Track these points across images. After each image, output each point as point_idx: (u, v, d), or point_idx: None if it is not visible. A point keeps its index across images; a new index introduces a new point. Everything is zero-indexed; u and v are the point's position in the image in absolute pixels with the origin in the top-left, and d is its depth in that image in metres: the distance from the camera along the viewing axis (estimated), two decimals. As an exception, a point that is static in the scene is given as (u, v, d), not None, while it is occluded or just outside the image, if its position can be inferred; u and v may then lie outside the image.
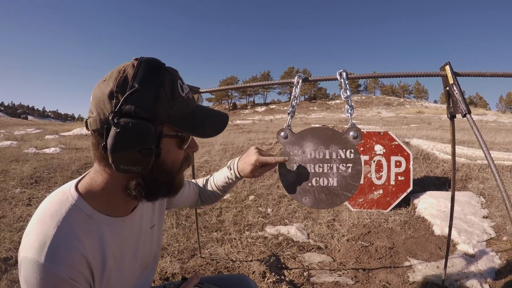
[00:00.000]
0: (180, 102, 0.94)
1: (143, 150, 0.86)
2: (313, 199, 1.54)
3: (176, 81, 0.94)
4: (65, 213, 0.90)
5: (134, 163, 0.87)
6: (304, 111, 60.55)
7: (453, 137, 2.01)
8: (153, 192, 0.99)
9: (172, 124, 0.93)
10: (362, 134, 1.49)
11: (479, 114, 32.42)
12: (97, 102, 0.88)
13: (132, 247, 1.12)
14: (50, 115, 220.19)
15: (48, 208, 0.92)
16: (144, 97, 0.86)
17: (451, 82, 1.59)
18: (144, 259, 1.22)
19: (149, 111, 0.86)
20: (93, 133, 0.91)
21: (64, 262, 0.85)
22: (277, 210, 4.74)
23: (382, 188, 4.69)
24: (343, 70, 1.64)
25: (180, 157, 1.02)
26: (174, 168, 1.01)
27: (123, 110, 0.83)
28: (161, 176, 0.97)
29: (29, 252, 0.84)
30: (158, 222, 1.32)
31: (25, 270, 0.84)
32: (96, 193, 0.97)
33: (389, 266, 3.22)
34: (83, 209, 0.94)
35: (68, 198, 0.94)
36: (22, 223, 3.99)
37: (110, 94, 0.86)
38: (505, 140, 9.46)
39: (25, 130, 19.86)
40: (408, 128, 16.09)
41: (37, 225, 0.88)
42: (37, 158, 8.21)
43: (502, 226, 3.94)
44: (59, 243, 0.85)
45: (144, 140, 0.85)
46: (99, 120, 0.87)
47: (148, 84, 0.87)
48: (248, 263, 3.20)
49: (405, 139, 7.86)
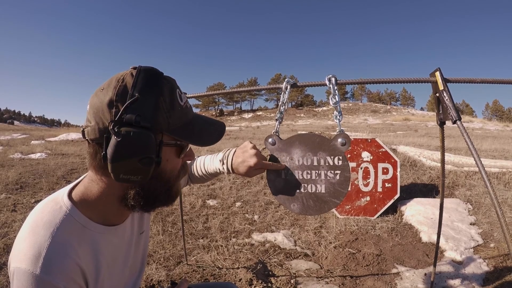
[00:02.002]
0: (179, 111, 0.95)
1: (144, 159, 0.85)
2: (301, 206, 1.51)
3: (175, 90, 0.95)
4: (59, 223, 0.88)
5: (134, 172, 0.86)
6: (291, 118, 60.98)
7: (442, 144, 2.00)
8: (151, 202, 0.98)
9: (172, 133, 0.93)
10: (350, 140, 1.47)
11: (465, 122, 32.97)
12: (95, 111, 0.87)
13: (123, 254, 1.12)
14: (36, 120, 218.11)
15: (41, 217, 0.90)
16: (144, 106, 0.85)
17: (441, 88, 1.58)
18: (134, 264, 1.22)
19: (150, 120, 0.86)
20: (91, 142, 0.90)
21: (59, 272, 0.83)
22: (264, 217, 4.70)
23: (369, 195, 4.69)
24: (332, 76, 1.61)
25: (178, 165, 1.03)
26: (172, 176, 1.01)
27: (124, 119, 0.82)
28: (160, 185, 0.97)
29: (23, 263, 0.82)
30: (146, 227, 1.31)
31: (18, 281, 0.82)
32: (91, 202, 0.96)
33: (377, 273, 3.20)
34: (77, 218, 0.92)
35: (61, 207, 0.92)
36: (7, 229, 3.88)
37: (110, 103, 0.85)
38: (491, 147, 9.62)
39: (10, 135, 19.57)
40: (395, 135, 16.26)
41: (30, 235, 0.86)
42: (22, 163, 8.08)
43: (490, 233, 3.96)
44: (54, 253, 0.84)
45: (145, 149, 0.85)
46: (98, 129, 0.86)
47: (148, 94, 0.87)
48: (234, 271, 3.15)
49: (392, 146, 7.92)
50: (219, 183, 6.36)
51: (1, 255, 3.27)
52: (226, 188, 6.03)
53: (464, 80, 1.63)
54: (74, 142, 14.36)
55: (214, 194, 5.75)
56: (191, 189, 5.90)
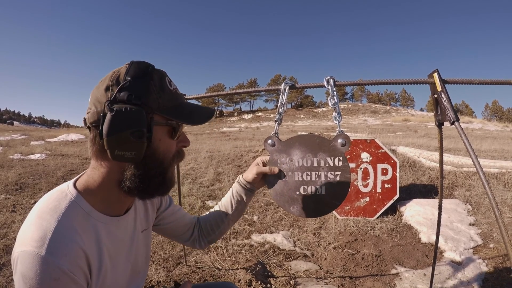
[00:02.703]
0: (169, 94, 1.01)
1: (135, 132, 0.90)
2: (301, 208, 1.50)
3: (164, 77, 1.02)
4: (65, 209, 0.92)
5: (128, 147, 0.91)
6: (290, 119, 60.82)
7: (440, 145, 2.01)
8: (147, 184, 1.00)
9: (162, 112, 0.99)
10: (350, 141, 1.47)
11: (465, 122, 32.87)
12: (95, 98, 0.96)
13: (126, 249, 1.14)
14: (36, 121, 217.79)
15: (47, 204, 0.93)
16: (136, 87, 0.94)
17: (439, 90, 1.58)
18: (137, 263, 1.22)
19: (141, 99, 0.93)
20: (91, 126, 0.96)
21: (65, 255, 0.85)
22: (263, 218, 4.70)
23: (368, 195, 4.69)
24: (330, 77, 1.61)
25: (172, 148, 1.06)
26: (166, 158, 1.04)
27: (117, 98, 0.91)
28: (154, 166, 1.01)
29: (28, 245, 0.84)
30: (149, 226, 1.33)
31: (22, 265, 0.83)
32: (93, 189, 1.00)
33: (376, 274, 3.20)
34: (81, 206, 0.96)
35: (67, 195, 0.96)
36: (6, 229, 3.89)
37: (106, 88, 0.94)
38: (491, 147, 9.60)
39: (10, 136, 19.56)
40: (395, 136, 16.22)
41: (36, 220, 0.89)
42: (22, 164, 8.08)
43: (489, 233, 3.96)
44: (60, 236, 0.86)
45: (137, 123, 0.90)
46: (96, 112, 0.94)
47: (139, 78, 0.95)
48: (234, 271, 3.15)
49: (391, 147, 7.90)
50: (218, 184, 6.37)
51: (1, 256, 3.26)
52: (226, 189, 6.01)
53: (462, 81, 1.63)
54: (74, 143, 14.36)
55: (214, 195, 5.75)
56: (191, 190, 5.90)
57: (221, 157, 8.39)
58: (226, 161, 7.98)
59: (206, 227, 1.55)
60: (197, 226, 1.56)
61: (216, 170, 7.27)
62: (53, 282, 0.83)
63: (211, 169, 7.31)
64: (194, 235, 1.54)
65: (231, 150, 9.44)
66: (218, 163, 7.89)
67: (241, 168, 7.33)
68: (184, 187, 6.05)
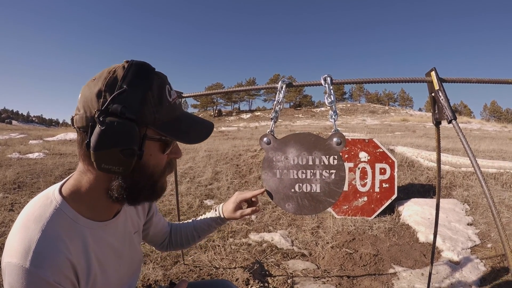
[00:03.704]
0: (166, 106, 0.95)
1: (125, 150, 0.86)
2: (296, 205, 1.51)
3: (165, 86, 0.96)
4: (49, 217, 0.89)
5: (116, 163, 0.87)
6: (289, 119, 60.79)
7: (438, 144, 2.00)
8: (135, 195, 0.98)
9: (157, 127, 0.93)
10: (345, 140, 1.47)
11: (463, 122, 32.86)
12: (84, 100, 0.89)
13: (116, 252, 1.11)
14: (34, 120, 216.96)
15: (32, 212, 0.91)
16: (131, 99, 0.87)
17: (437, 88, 1.58)
18: (131, 264, 1.22)
19: (135, 113, 0.86)
20: (79, 130, 0.91)
21: (49, 266, 0.84)
22: (261, 217, 4.70)
23: (366, 195, 4.68)
24: (327, 75, 1.61)
25: (162, 161, 1.02)
26: (156, 172, 1.00)
27: (110, 109, 0.84)
28: (143, 179, 0.97)
29: (13, 257, 0.83)
30: (139, 228, 1.31)
31: (9, 276, 0.82)
32: (80, 195, 0.97)
33: (374, 273, 3.20)
34: (66, 212, 0.93)
35: (52, 201, 0.93)
36: (4, 228, 3.89)
37: (98, 93, 0.87)
38: (489, 147, 9.61)
39: (8, 135, 19.46)
40: (393, 135, 16.24)
41: (21, 230, 0.87)
42: (20, 163, 8.08)
43: (487, 233, 3.96)
44: (44, 247, 0.84)
45: (128, 141, 0.85)
46: (85, 117, 0.88)
47: (136, 86, 0.88)
48: (231, 270, 3.15)
49: (389, 147, 7.90)
50: (216, 183, 6.36)
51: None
52: (224, 189, 6.03)
53: (459, 80, 1.63)
54: (72, 142, 14.32)
55: (212, 194, 5.74)
56: (189, 189, 5.90)
57: (219, 156, 8.39)
58: (224, 160, 7.98)
59: (176, 239, 1.60)
60: (169, 235, 1.61)
61: (214, 169, 7.27)
62: None
63: (209, 168, 7.30)
64: (164, 243, 1.60)
65: (229, 150, 9.44)
66: (216, 162, 7.89)
67: (239, 167, 7.32)
68: (182, 186, 6.05)
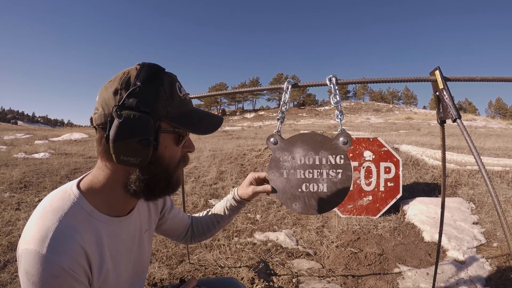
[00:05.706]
0: (178, 101, 1.02)
1: (142, 140, 0.91)
2: (303, 205, 1.52)
3: (175, 83, 1.03)
4: (67, 209, 0.94)
5: (134, 154, 0.92)
6: (293, 118, 60.83)
7: (443, 143, 2.00)
8: (152, 187, 1.02)
9: (170, 120, 1.00)
10: (352, 139, 1.47)
11: (468, 120, 32.76)
12: (102, 100, 0.96)
13: (128, 249, 1.15)
14: (39, 120, 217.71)
15: (50, 204, 0.95)
16: (145, 94, 0.94)
17: (441, 87, 1.58)
18: (139, 263, 1.25)
19: (149, 106, 0.93)
20: (97, 127, 0.97)
21: (65, 253, 0.88)
22: (266, 216, 4.70)
23: (371, 194, 4.68)
24: (332, 76, 1.62)
25: (177, 154, 1.08)
26: (171, 164, 1.06)
27: (126, 104, 0.90)
28: (159, 172, 1.02)
29: (30, 244, 0.87)
30: (150, 227, 1.34)
31: (25, 262, 0.86)
32: (97, 190, 1.02)
33: (379, 272, 3.19)
34: (84, 206, 0.98)
35: (70, 195, 0.98)
36: (11, 227, 3.91)
37: (115, 91, 0.95)
38: (494, 145, 9.56)
39: (14, 135, 19.61)
40: (397, 134, 16.20)
41: (39, 220, 0.91)
42: (26, 163, 8.13)
43: (493, 232, 3.94)
44: (61, 236, 0.89)
45: (144, 131, 0.91)
46: (103, 115, 0.95)
47: (149, 83, 0.95)
48: (236, 269, 3.16)
49: (394, 145, 7.88)
50: (221, 182, 6.37)
51: (5, 252, 3.28)
52: (229, 188, 6.03)
53: (464, 79, 1.63)
54: (77, 142, 14.40)
55: (217, 194, 5.75)
56: (194, 189, 5.91)
57: (224, 156, 8.40)
58: (228, 160, 7.99)
59: (198, 230, 1.64)
60: (191, 227, 1.65)
61: (219, 168, 7.28)
62: (54, 279, 0.86)
63: (213, 168, 7.31)
64: (187, 235, 1.64)
65: (233, 149, 9.45)
66: (221, 161, 7.90)
67: (243, 166, 7.33)
68: (187, 185, 6.06)
